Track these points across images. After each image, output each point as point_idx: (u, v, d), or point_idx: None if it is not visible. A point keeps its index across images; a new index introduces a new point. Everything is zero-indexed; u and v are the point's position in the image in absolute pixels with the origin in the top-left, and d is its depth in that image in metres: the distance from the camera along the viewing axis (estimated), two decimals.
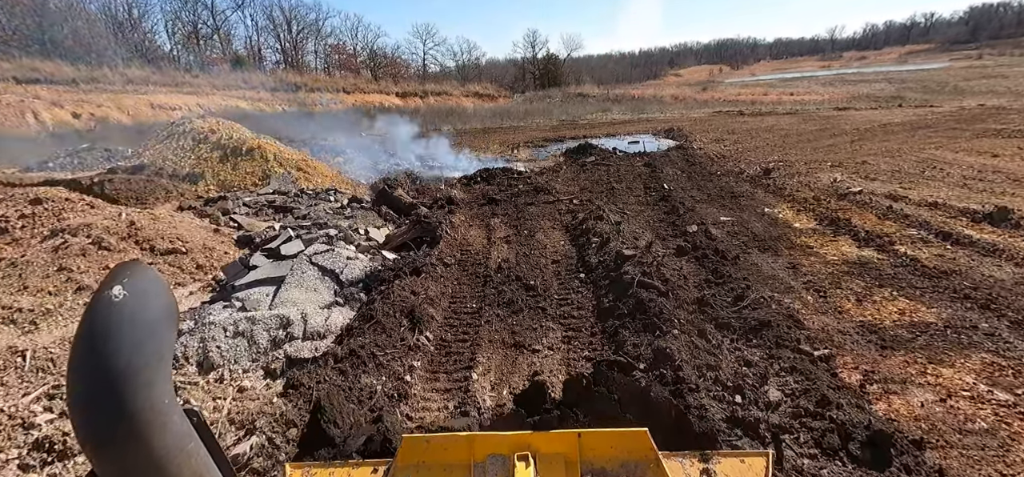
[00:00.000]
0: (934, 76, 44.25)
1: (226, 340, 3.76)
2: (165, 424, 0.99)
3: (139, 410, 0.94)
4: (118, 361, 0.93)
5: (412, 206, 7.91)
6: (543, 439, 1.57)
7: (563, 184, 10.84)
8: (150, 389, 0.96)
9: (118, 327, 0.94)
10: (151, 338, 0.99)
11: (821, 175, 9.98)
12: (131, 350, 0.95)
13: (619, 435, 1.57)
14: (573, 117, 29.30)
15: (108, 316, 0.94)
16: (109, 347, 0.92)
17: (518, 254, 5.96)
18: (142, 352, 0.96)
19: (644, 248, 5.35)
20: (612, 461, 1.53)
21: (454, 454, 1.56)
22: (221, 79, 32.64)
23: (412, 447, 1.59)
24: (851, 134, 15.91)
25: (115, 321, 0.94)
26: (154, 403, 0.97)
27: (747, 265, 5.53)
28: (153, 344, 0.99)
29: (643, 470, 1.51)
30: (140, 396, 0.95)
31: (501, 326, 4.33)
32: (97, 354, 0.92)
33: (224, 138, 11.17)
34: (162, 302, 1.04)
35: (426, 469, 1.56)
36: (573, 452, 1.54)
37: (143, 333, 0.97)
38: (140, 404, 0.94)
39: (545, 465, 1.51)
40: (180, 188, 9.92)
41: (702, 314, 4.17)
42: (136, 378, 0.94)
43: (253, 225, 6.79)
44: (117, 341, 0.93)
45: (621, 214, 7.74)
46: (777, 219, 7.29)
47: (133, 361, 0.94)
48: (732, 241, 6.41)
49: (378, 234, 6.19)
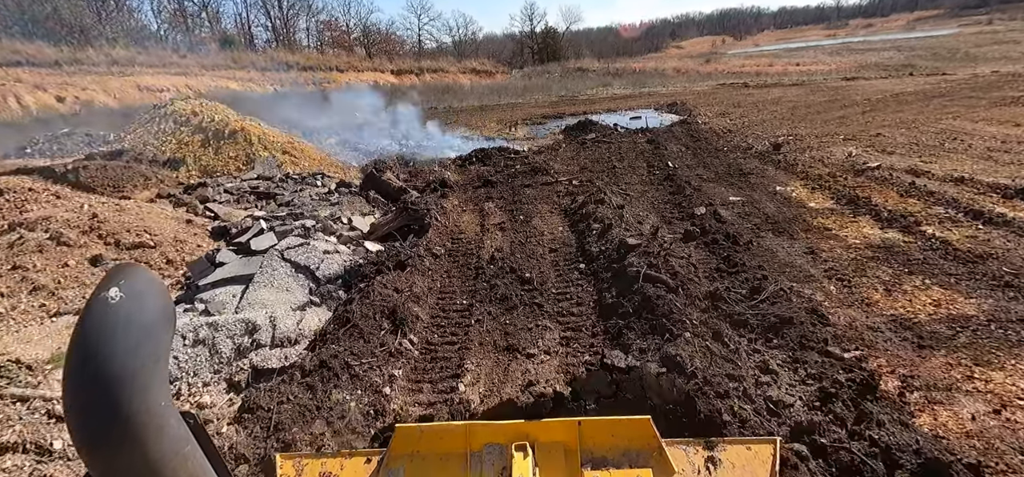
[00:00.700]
0: (944, 43, 43.01)
1: (185, 350, 3.36)
2: (161, 427, 0.99)
3: (135, 413, 0.93)
4: (114, 364, 0.92)
5: (402, 191, 7.45)
6: (542, 428, 1.52)
7: (562, 164, 10.34)
8: (146, 392, 0.96)
9: (114, 329, 0.93)
10: (147, 340, 0.98)
11: (834, 149, 9.46)
12: (127, 353, 0.94)
13: (621, 423, 1.52)
14: (573, 92, 28.52)
15: (104, 318, 0.93)
16: (105, 350, 0.92)
17: (513, 242, 5.52)
18: (138, 355, 0.95)
19: (649, 235, 4.91)
20: (613, 450, 1.49)
21: (450, 444, 1.52)
22: (210, 59, 31.72)
23: (406, 437, 1.54)
24: (862, 105, 15.28)
25: (111, 323, 0.94)
26: (150, 406, 0.96)
27: (761, 251, 5.10)
28: (149, 346, 0.98)
29: (645, 459, 1.47)
30: (136, 399, 0.94)
31: (493, 326, 3.93)
32: (93, 356, 0.91)
33: (206, 120, 10.64)
34: (158, 304, 1.03)
35: (421, 459, 1.52)
36: (573, 441, 1.49)
37: (139, 335, 0.96)
38: (136, 407, 0.94)
39: (544, 455, 1.47)
40: (160, 174, 9.45)
41: (716, 311, 3.75)
42: (132, 381, 0.93)
43: (231, 214, 6.35)
44: (113, 344, 0.92)
45: (623, 196, 7.28)
46: (791, 198, 6.83)
47: (129, 364, 0.94)
48: (744, 224, 5.96)
49: (363, 222, 5.74)
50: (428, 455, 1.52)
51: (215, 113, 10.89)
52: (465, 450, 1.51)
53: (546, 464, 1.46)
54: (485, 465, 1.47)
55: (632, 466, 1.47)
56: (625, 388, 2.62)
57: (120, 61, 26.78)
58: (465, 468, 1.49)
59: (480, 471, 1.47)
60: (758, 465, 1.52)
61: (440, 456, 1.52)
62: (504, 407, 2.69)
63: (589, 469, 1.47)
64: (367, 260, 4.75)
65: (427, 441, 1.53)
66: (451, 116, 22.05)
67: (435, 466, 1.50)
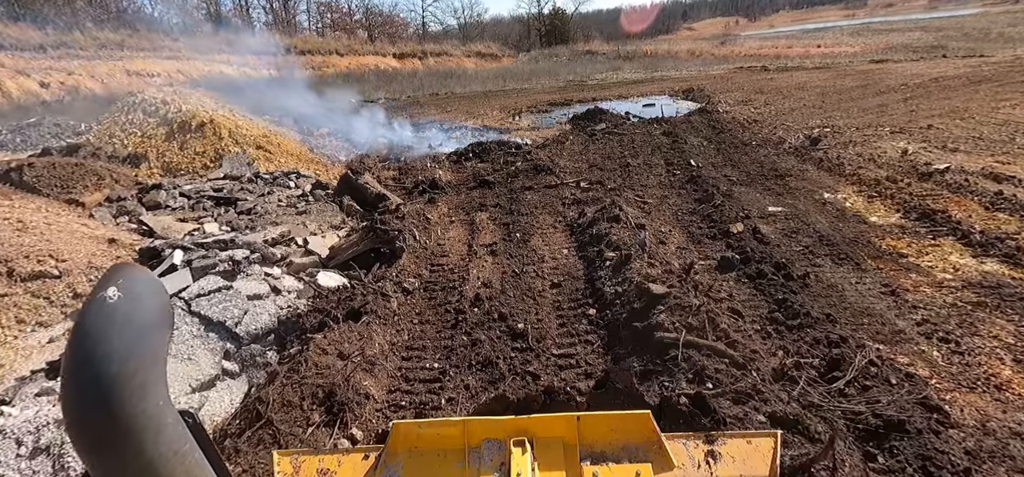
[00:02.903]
0: (973, 23, 40.80)
1: (18, 462, 2.32)
2: (160, 427, 0.97)
3: (134, 413, 0.91)
4: (112, 364, 0.90)
5: (380, 198, 6.35)
6: (540, 423, 1.51)
7: (569, 159, 9.18)
8: (145, 392, 0.94)
9: (112, 329, 0.91)
10: (146, 340, 0.96)
11: (882, 144, 8.21)
12: (125, 353, 0.91)
13: (620, 417, 1.51)
14: (581, 77, 27.12)
15: (102, 318, 0.92)
16: (103, 350, 0.90)
17: (506, 273, 4.42)
18: (136, 355, 0.93)
19: (681, 272, 3.78)
20: (613, 444, 1.48)
21: (448, 440, 1.51)
22: (203, 43, 30.53)
23: (403, 433, 1.52)
24: (899, 91, 13.87)
25: (109, 323, 0.92)
26: (149, 406, 0.94)
27: (824, 288, 3.96)
28: (148, 347, 0.96)
29: (645, 453, 1.46)
30: (135, 399, 0.91)
31: (470, 409, 2.85)
32: (91, 357, 0.89)
33: (172, 111, 9.57)
34: (157, 304, 1.02)
35: (418, 455, 1.51)
36: (572, 436, 1.49)
37: (137, 335, 0.94)
38: (135, 407, 0.91)
39: (543, 450, 1.46)
40: (116, 173, 8.40)
41: (784, 403, 2.64)
42: (131, 381, 0.91)
43: (169, 229, 5.30)
44: (111, 344, 0.90)
45: (641, 205, 6.13)
46: (845, 210, 5.64)
47: (127, 364, 0.91)
48: (792, 245, 4.81)
49: (321, 244, 4.66)
50: (426, 451, 1.51)
51: (184, 103, 9.81)
52: (463, 446, 1.50)
53: (545, 459, 1.44)
54: (483, 461, 1.44)
55: (632, 461, 1.45)
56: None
57: (108, 44, 25.72)
58: (463, 464, 1.47)
59: (479, 467, 1.44)
60: (759, 459, 1.47)
61: (438, 452, 1.50)
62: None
63: (588, 464, 1.45)
64: (314, 303, 3.69)
65: (425, 437, 1.52)
66: (452, 103, 20.84)
67: (433, 462, 1.49)
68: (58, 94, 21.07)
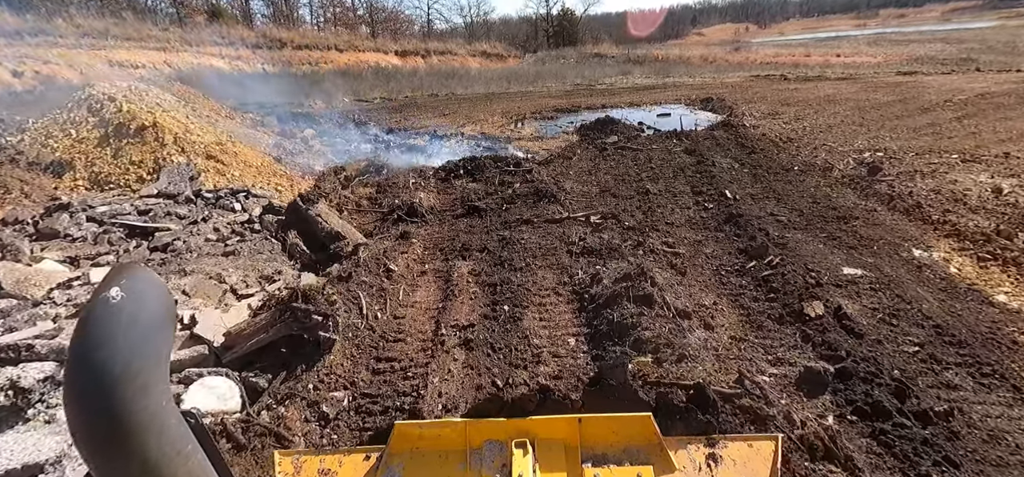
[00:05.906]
0: (994, 35, 39.23)
1: None
2: (162, 426, 0.96)
3: (137, 412, 0.90)
4: (115, 363, 0.88)
5: (334, 237, 4.91)
6: (542, 425, 1.51)
7: (576, 181, 7.73)
8: (148, 391, 0.93)
9: (116, 329, 0.90)
10: (149, 340, 0.95)
11: (958, 177, 6.74)
12: (128, 352, 0.91)
13: (622, 420, 1.51)
14: (589, 81, 25.68)
15: (106, 318, 0.91)
16: (106, 349, 0.88)
17: (481, 385, 2.97)
18: (139, 354, 0.92)
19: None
20: (614, 447, 1.48)
21: (449, 441, 1.50)
22: (195, 34, 29.17)
23: (405, 434, 1.52)
24: (945, 108, 12.38)
25: (113, 323, 0.91)
26: (152, 405, 0.94)
27: (975, 439, 2.51)
28: (151, 346, 0.96)
29: (646, 455, 1.45)
30: (138, 398, 0.90)
31: None
32: (94, 356, 0.88)
33: (110, 111, 8.16)
34: (160, 304, 1.00)
35: (420, 456, 1.50)
36: (573, 438, 1.48)
37: (141, 335, 0.94)
38: (138, 406, 0.90)
39: (544, 452, 1.45)
40: (32, 184, 7.02)
41: None
42: (134, 380, 0.90)
43: (28, 282, 3.85)
44: (115, 343, 0.89)
45: (671, 257, 4.67)
46: (951, 278, 4.18)
47: (131, 363, 0.91)
48: (899, 344, 3.35)
49: (216, 321, 3.18)
50: (427, 452, 1.50)
51: (125, 102, 8.39)
52: (465, 447, 1.49)
53: (546, 461, 1.43)
54: (485, 462, 1.44)
55: (633, 463, 1.43)
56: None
57: (91, 32, 24.37)
58: (465, 465, 1.46)
59: (480, 468, 1.43)
60: (759, 462, 1.45)
61: (439, 453, 1.50)
62: None
63: (590, 466, 1.44)
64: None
65: (426, 438, 1.51)
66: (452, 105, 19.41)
67: (434, 463, 1.48)
68: (31, 84, 19.72)
